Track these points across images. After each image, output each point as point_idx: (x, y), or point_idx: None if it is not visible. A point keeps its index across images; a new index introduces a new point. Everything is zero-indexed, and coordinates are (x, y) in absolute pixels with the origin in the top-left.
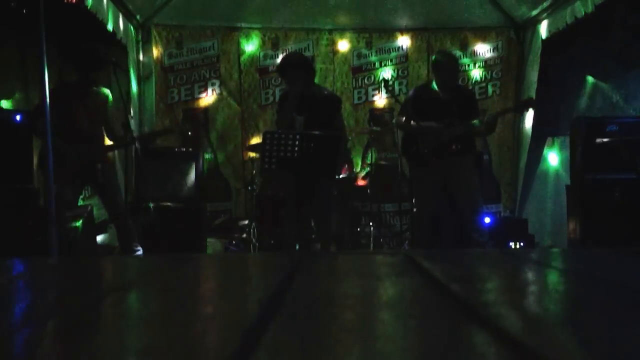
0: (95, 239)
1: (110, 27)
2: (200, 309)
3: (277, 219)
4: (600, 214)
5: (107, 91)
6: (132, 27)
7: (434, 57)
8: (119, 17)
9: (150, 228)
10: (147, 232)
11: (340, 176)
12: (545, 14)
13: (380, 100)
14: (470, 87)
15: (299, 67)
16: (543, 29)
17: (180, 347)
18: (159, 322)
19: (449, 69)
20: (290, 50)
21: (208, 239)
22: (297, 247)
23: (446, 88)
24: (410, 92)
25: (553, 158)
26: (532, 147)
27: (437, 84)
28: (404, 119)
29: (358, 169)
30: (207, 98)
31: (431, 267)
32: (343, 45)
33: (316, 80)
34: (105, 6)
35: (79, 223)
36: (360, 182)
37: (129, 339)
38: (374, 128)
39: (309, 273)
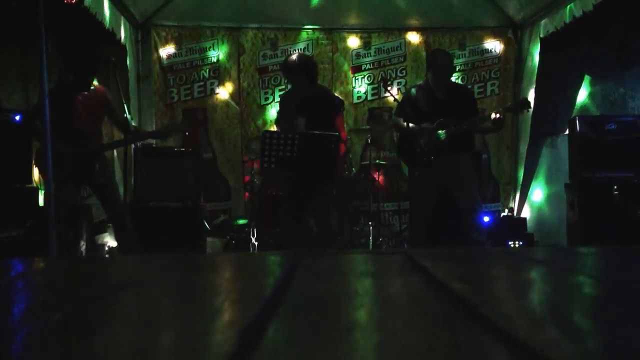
0: (95, 239)
1: (109, 27)
2: (200, 309)
3: (277, 218)
4: (599, 212)
5: (104, 88)
6: (131, 27)
7: (428, 56)
8: (118, 17)
9: (147, 228)
10: (146, 232)
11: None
12: (543, 14)
13: (379, 99)
14: (469, 87)
15: (301, 69)
16: (541, 28)
17: (180, 346)
18: (158, 321)
19: (442, 68)
20: (289, 50)
21: (207, 239)
22: (296, 246)
23: (442, 87)
24: (406, 92)
25: (552, 157)
26: (531, 146)
27: (432, 83)
28: (400, 119)
29: (356, 169)
30: (207, 98)
31: (431, 266)
32: (342, 45)
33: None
34: (104, 6)
35: (78, 223)
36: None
37: (129, 338)
38: (376, 129)
39: (308, 272)
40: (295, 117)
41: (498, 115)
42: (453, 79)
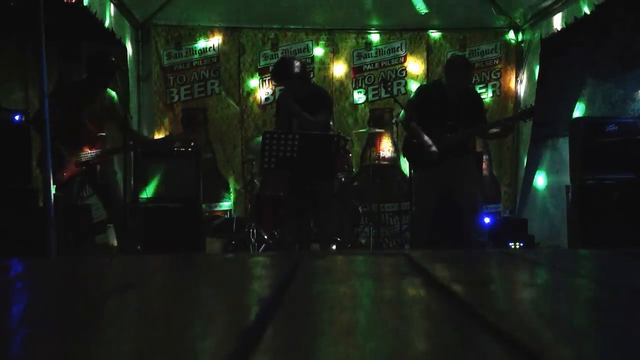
0: (95, 239)
1: (109, 27)
2: (199, 309)
3: (276, 219)
4: (600, 214)
5: (112, 92)
6: (131, 27)
7: (447, 60)
8: (118, 17)
9: (145, 228)
10: (146, 232)
11: (339, 175)
12: (544, 15)
13: (380, 100)
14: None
15: (293, 72)
16: (542, 29)
17: (180, 347)
18: (158, 322)
19: (460, 73)
20: (289, 50)
21: (207, 239)
22: (296, 247)
23: (456, 91)
24: (417, 90)
25: (552, 158)
26: (532, 147)
27: (447, 85)
28: (408, 120)
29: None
30: (207, 98)
31: (431, 267)
32: (343, 45)
33: (316, 81)
34: (104, 6)
35: (78, 223)
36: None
37: (129, 338)
38: (377, 130)
39: (308, 273)
40: (291, 119)
41: (509, 123)
42: None
